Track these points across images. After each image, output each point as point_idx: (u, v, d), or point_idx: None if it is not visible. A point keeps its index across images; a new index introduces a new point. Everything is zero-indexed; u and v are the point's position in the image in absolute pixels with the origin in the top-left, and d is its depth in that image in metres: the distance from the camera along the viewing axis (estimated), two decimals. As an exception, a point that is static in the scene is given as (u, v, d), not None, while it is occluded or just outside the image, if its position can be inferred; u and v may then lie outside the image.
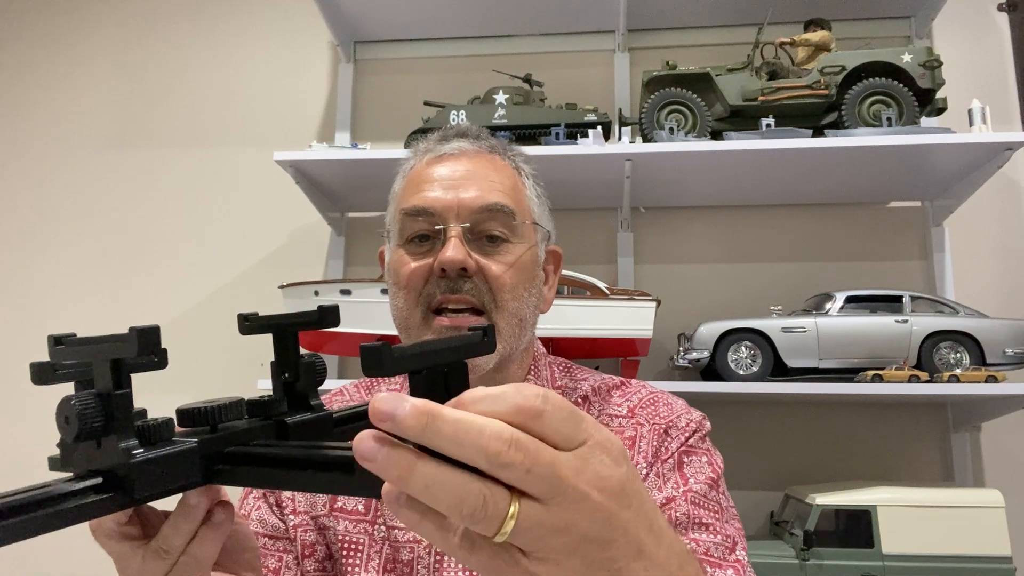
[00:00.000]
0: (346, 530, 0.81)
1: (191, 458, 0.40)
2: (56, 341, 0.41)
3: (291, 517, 0.83)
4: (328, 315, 0.48)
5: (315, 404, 0.47)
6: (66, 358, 0.40)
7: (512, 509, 0.32)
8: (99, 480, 0.37)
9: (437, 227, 0.83)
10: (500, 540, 0.33)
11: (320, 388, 0.50)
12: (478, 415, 0.32)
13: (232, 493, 0.51)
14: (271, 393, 0.48)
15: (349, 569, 0.79)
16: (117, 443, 0.37)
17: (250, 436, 0.43)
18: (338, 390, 0.98)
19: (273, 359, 0.49)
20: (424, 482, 0.31)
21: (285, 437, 0.45)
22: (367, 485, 0.34)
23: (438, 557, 0.78)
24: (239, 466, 0.41)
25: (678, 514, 0.76)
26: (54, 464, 0.43)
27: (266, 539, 0.82)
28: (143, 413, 0.40)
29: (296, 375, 0.48)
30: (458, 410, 0.32)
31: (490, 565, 0.34)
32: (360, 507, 0.83)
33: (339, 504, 0.83)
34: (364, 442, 0.32)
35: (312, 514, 0.83)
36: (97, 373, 0.38)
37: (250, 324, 0.48)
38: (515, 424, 0.33)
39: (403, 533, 0.80)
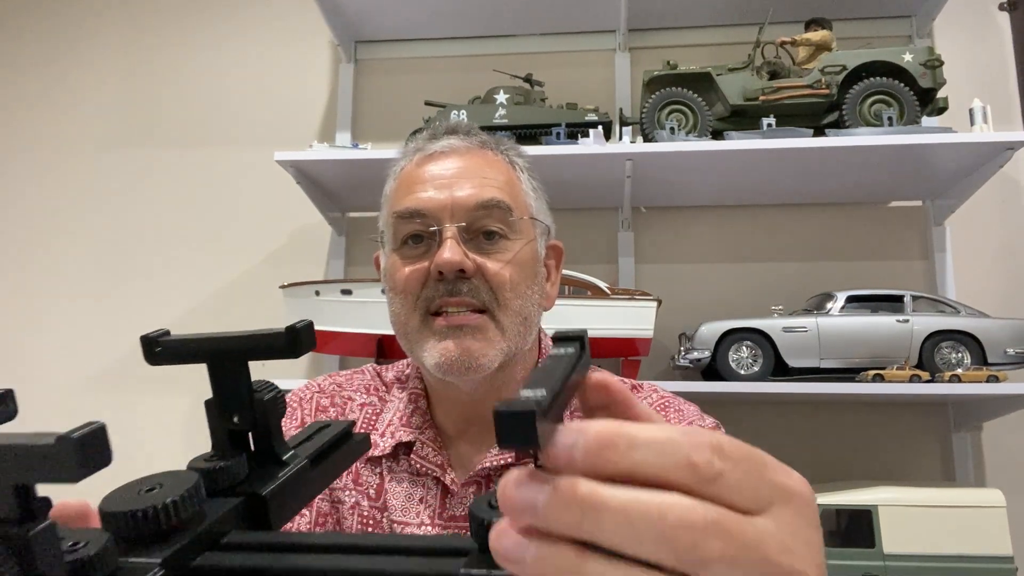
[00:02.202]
0: (357, 504, 0.82)
1: None
2: None
3: None
4: (301, 337, 0.33)
5: (281, 452, 0.34)
6: None
7: None
8: None
9: (432, 228, 0.80)
10: None
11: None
12: (649, 494, 0.24)
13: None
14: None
15: None
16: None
17: (221, 530, 0.30)
18: (348, 376, 0.94)
19: (212, 397, 0.34)
20: None
21: (263, 517, 0.32)
22: None
23: None
24: None
25: None
26: None
27: None
28: (47, 503, 0.26)
29: (251, 419, 0.33)
30: (624, 490, 0.24)
31: None
32: (372, 492, 0.82)
33: (357, 481, 0.83)
34: (505, 537, 0.24)
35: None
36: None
37: (163, 352, 0.33)
38: (684, 487, 0.25)
39: (401, 528, 0.80)
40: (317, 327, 1.59)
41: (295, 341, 0.32)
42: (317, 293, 1.59)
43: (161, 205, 2.07)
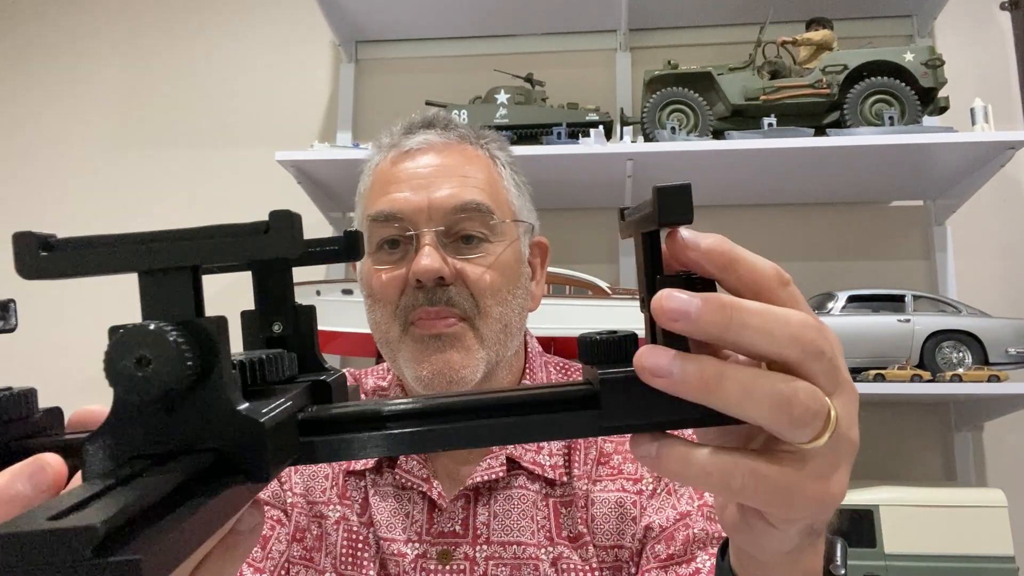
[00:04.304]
0: (344, 518, 0.79)
1: (294, 423, 0.28)
2: (44, 245, 0.25)
3: (288, 494, 0.81)
4: (358, 242, 0.35)
5: (321, 361, 0.34)
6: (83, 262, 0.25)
7: (833, 410, 0.30)
8: (210, 459, 0.24)
9: (408, 232, 0.76)
10: (816, 445, 0.30)
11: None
12: (771, 306, 0.30)
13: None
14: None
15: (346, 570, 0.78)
16: (222, 398, 0.26)
17: (301, 403, 0.30)
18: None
19: (250, 309, 0.34)
20: (741, 388, 0.28)
21: (327, 401, 0.32)
22: (615, 415, 0.29)
23: (424, 572, 0.76)
24: (358, 432, 0.28)
25: (696, 530, 0.72)
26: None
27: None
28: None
29: (294, 326, 0.34)
30: (755, 301, 0.30)
31: (792, 478, 0.31)
32: (357, 507, 0.80)
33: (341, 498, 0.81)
34: (654, 356, 0.29)
35: (309, 499, 0.81)
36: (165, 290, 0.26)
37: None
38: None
39: (388, 545, 0.77)
40: (317, 327, 1.59)
41: (354, 244, 0.34)
42: (318, 293, 1.59)
43: (162, 205, 2.07)
